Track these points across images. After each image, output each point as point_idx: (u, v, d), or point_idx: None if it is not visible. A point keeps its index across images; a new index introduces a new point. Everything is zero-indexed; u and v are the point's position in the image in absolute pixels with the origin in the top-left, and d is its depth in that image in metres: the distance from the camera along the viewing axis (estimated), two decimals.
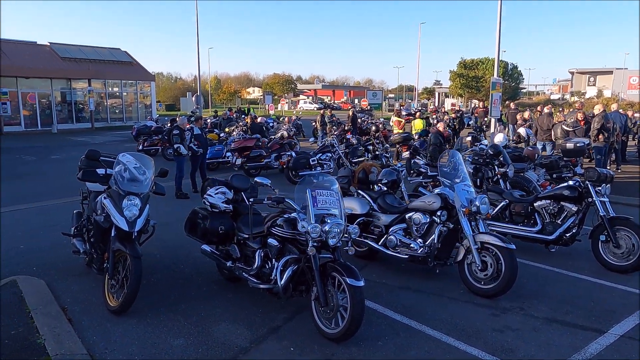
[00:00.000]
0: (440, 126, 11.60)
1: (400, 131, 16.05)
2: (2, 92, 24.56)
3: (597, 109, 11.45)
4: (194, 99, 36.93)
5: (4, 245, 6.38)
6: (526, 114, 15.02)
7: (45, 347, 3.69)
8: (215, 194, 5.02)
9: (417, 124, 16.30)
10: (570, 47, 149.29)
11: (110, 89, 31.39)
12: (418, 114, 19.62)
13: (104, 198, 4.61)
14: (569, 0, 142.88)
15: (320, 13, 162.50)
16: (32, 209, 8.73)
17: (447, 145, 11.97)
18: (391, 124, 17.69)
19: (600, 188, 5.74)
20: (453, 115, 21.74)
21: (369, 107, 37.74)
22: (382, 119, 24.39)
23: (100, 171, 5.12)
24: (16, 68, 25.97)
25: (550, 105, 15.31)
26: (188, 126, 10.08)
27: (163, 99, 62.39)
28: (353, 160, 12.31)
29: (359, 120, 21.30)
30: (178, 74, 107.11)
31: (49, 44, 30.33)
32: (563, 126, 12.56)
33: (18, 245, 6.45)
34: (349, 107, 36.36)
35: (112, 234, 4.49)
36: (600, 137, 10.95)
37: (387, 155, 13.23)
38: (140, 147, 16.00)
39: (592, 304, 4.79)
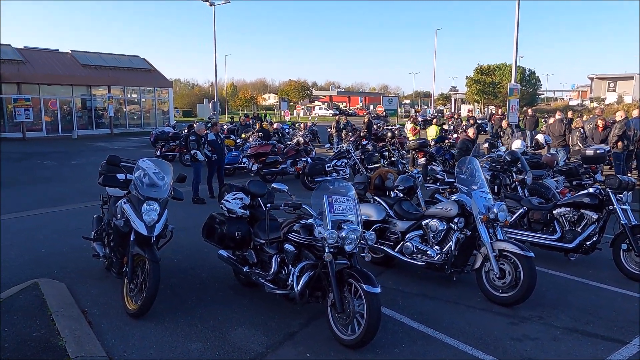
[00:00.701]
0: (470, 131, 11.13)
1: (415, 137, 16.00)
2: (25, 99, 25.14)
3: (619, 116, 11.24)
4: (210, 105, 37.37)
5: (27, 249, 6.53)
6: (551, 120, 14.83)
7: (66, 349, 3.75)
8: (232, 199, 5.06)
9: (430, 131, 16.20)
10: (589, 53, 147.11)
11: (129, 96, 31.90)
12: (435, 120, 19.54)
13: (124, 203, 4.68)
14: (590, 1, 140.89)
15: (335, 20, 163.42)
16: (53, 213, 8.91)
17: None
18: (406, 130, 17.64)
19: (621, 196, 5.65)
20: (472, 122, 21.64)
21: (384, 113, 37.66)
22: (397, 125, 24.35)
23: (121, 176, 5.21)
24: (38, 75, 26.68)
25: (560, 112, 15.04)
26: (205, 132, 10.20)
27: (180, 106, 63.11)
28: (369, 167, 12.31)
29: (374, 126, 21.31)
30: (195, 80, 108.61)
31: (70, 52, 31.03)
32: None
33: (40, 248, 6.58)
34: (365, 113, 36.40)
35: (132, 239, 4.55)
36: (619, 144, 10.76)
37: (403, 161, 13.19)
38: (158, 153, 16.21)
39: (614, 314, 4.70)
